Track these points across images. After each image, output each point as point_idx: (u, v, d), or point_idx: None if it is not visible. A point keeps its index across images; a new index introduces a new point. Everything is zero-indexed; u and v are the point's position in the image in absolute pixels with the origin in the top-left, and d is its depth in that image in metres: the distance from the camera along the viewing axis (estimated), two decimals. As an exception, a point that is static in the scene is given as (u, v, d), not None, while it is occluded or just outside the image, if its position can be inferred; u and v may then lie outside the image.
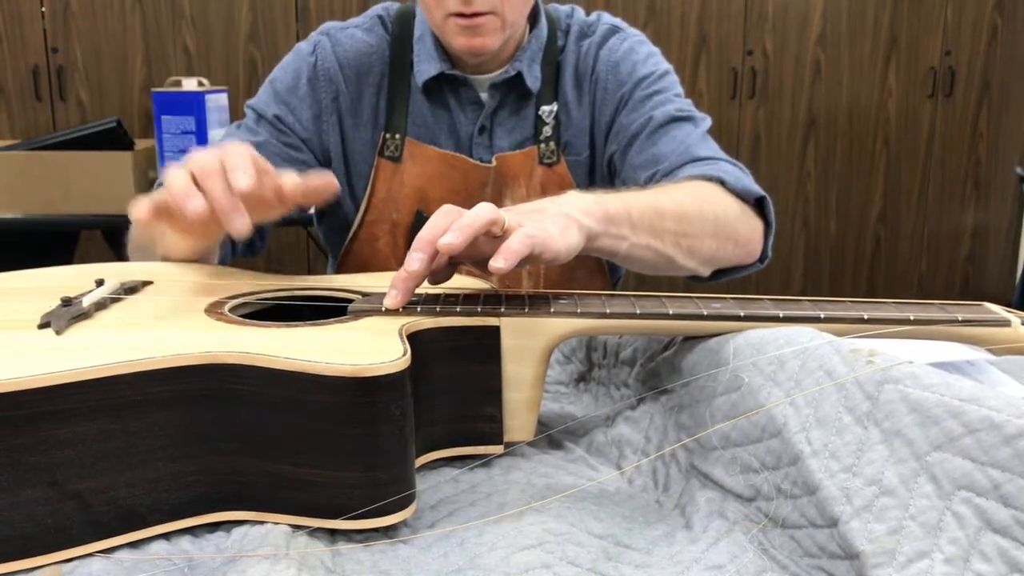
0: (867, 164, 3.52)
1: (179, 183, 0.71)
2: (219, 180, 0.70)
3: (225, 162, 0.71)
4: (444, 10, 1.04)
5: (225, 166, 0.71)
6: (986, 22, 3.48)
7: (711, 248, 0.93)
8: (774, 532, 0.58)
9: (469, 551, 0.58)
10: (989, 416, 0.52)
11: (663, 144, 1.09)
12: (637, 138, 1.11)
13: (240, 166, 0.70)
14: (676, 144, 1.08)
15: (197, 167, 0.71)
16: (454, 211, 0.73)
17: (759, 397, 0.60)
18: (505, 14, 1.06)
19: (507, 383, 0.68)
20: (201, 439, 0.59)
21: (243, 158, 0.72)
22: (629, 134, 1.12)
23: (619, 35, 1.19)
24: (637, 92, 1.14)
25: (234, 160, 0.71)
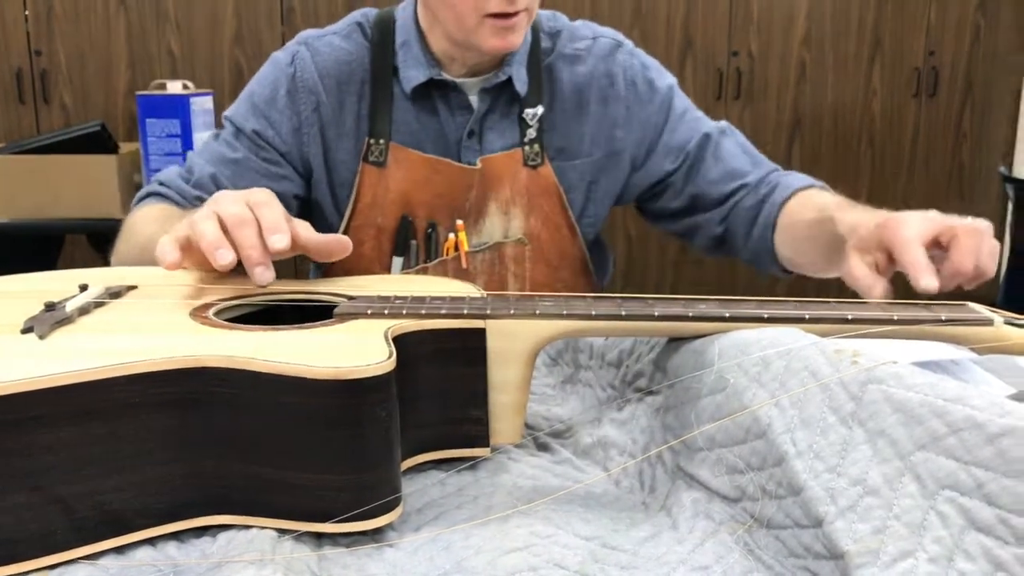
0: (852, 164, 3.54)
1: (212, 233, 0.73)
2: (252, 232, 0.73)
3: (260, 216, 0.74)
4: (482, 11, 1.03)
5: (260, 220, 0.73)
6: (969, 22, 3.50)
7: None
8: (760, 533, 0.58)
9: (455, 554, 0.58)
10: (972, 415, 0.52)
11: (730, 159, 1.19)
12: (703, 156, 1.19)
13: (276, 225, 0.73)
14: (742, 157, 1.19)
15: (229, 215, 0.74)
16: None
17: (744, 398, 0.60)
18: (532, 10, 1.08)
19: (493, 385, 0.68)
20: (186, 443, 0.59)
21: (277, 215, 0.74)
22: (688, 152, 1.19)
23: (624, 49, 1.21)
24: (672, 112, 1.20)
25: (269, 219, 0.74)
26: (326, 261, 0.81)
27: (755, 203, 1.15)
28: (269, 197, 0.76)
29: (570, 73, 1.18)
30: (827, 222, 0.96)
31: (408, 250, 1.17)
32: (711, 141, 1.19)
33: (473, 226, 1.16)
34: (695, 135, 1.19)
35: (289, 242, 0.73)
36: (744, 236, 1.16)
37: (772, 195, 1.13)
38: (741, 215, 1.16)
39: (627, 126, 1.19)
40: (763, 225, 1.13)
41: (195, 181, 1.13)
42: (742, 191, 1.17)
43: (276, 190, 1.14)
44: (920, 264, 0.74)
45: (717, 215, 1.19)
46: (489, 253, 1.17)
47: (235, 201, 0.75)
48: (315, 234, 0.78)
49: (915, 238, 0.75)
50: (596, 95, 1.18)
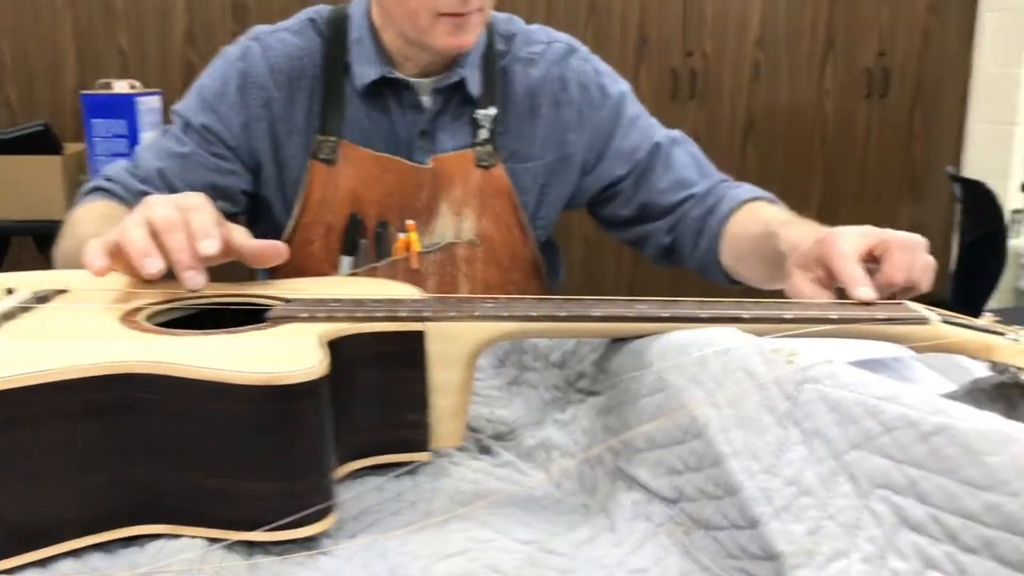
0: (805, 164, 3.57)
1: (139, 242, 0.71)
2: (182, 237, 0.72)
3: (190, 221, 0.72)
4: (435, 10, 1.02)
5: (190, 226, 0.72)
6: (919, 24, 3.56)
7: None
8: (697, 534, 0.58)
9: (391, 561, 0.57)
10: (906, 414, 0.52)
11: (680, 169, 1.19)
12: (653, 165, 1.19)
13: (206, 231, 0.72)
14: (691, 167, 1.19)
15: (159, 220, 0.72)
16: None
17: (682, 398, 0.60)
18: (486, 10, 1.07)
19: (433, 389, 0.67)
20: (113, 451, 0.57)
21: (208, 220, 0.73)
22: (638, 160, 1.19)
23: (578, 54, 1.20)
24: (623, 118, 1.20)
25: (200, 223, 0.72)
26: (262, 267, 0.80)
27: (702, 214, 1.15)
28: (201, 202, 0.75)
29: (524, 76, 1.17)
30: (771, 237, 0.97)
31: (358, 250, 1.15)
32: (661, 150, 1.19)
33: (424, 226, 1.15)
34: (646, 143, 1.19)
35: (219, 247, 0.72)
36: (691, 247, 1.17)
37: (718, 207, 1.14)
38: (688, 226, 1.17)
39: (578, 130, 1.19)
40: (709, 237, 1.14)
41: (142, 176, 1.11)
42: (689, 202, 1.17)
43: (224, 185, 1.14)
44: (856, 278, 0.76)
45: (665, 225, 1.19)
46: (440, 254, 1.16)
47: (165, 205, 0.74)
48: (250, 240, 0.77)
49: (851, 253, 0.78)
50: (549, 99, 1.18)
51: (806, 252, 0.84)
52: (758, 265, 1.06)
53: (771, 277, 1.02)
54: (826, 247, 0.80)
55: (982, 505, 0.49)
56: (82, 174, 2.35)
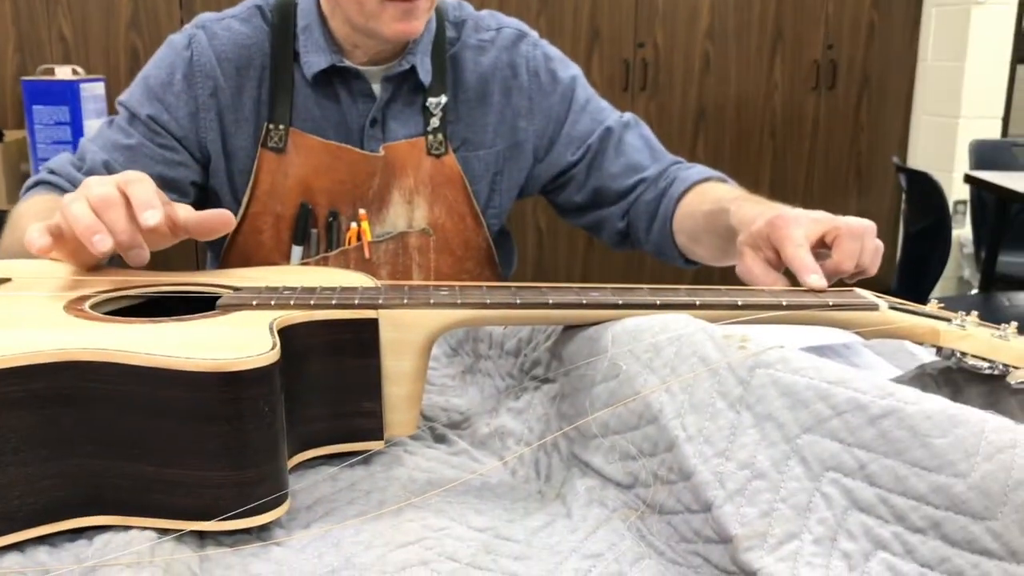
0: (754, 155, 3.62)
1: (85, 218, 0.70)
2: (121, 213, 0.71)
3: (130, 195, 0.71)
4: None
5: (131, 199, 0.71)
6: (864, 18, 3.61)
7: None
8: (652, 518, 0.58)
9: (345, 551, 0.57)
10: (856, 398, 0.53)
11: (632, 153, 1.19)
12: (605, 149, 1.19)
13: (148, 201, 0.71)
14: (643, 151, 1.20)
15: (97, 198, 0.71)
16: None
17: (636, 384, 0.60)
18: None
19: (387, 377, 0.67)
20: (57, 441, 0.56)
21: (148, 191, 0.72)
22: (590, 145, 1.20)
23: (528, 40, 1.20)
24: (574, 103, 1.20)
25: (140, 194, 0.71)
26: (210, 238, 0.79)
27: (654, 197, 1.16)
28: (140, 175, 0.74)
29: (474, 63, 1.17)
30: (722, 214, 0.98)
31: (308, 239, 1.14)
32: (613, 134, 1.19)
33: (376, 215, 1.14)
34: (598, 127, 1.20)
35: (162, 217, 0.70)
36: (645, 230, 1.18)
37: (670, 189, 1.15)
38: (641, 209, 1.17)
39: (529, 117, 1.18)
40: (662, 219, 1.15)
41: (87, 168, 1.08)
42: (642, 185, 1.18)
43: (172, 177, 1.12)
44: (806, 266, 0.77)
45: (619, 210, 1.20)
46: (393, 243, 1.15)
47: (102, 183, 0.72)
48: (195, 212, 0.76)
49: (802, 240, 0.79)
50: (499, 86, 1.17)
51: (756, 232, 0.85)
52: (711, 242, 1.07)
53: (724, 252, 1.03)
54: (778, 231, 0.81)
55: (929, 486, 0.50)
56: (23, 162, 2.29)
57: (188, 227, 0.75)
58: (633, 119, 1.23)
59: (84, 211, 0.70)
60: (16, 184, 2.30)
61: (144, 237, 0.72)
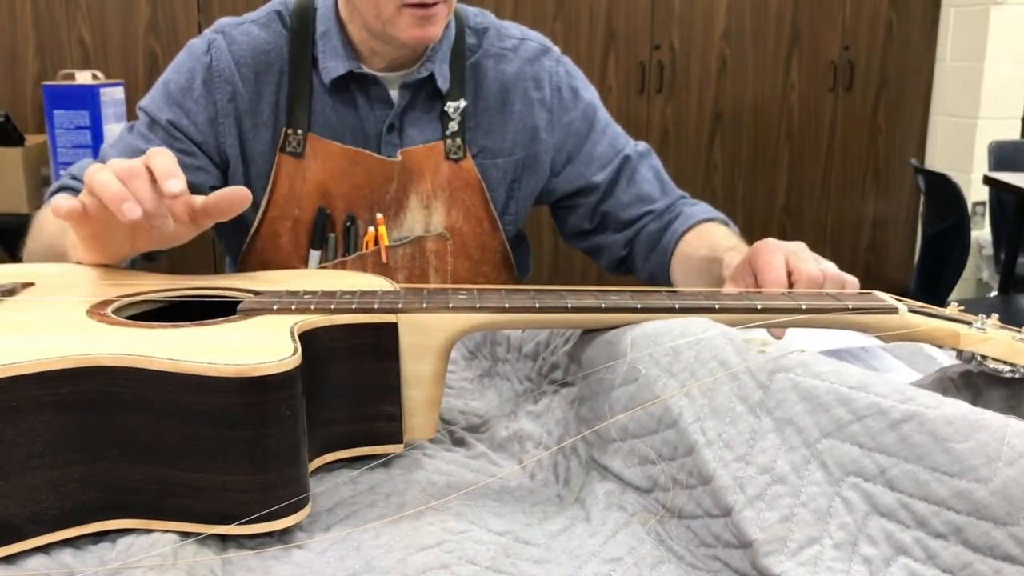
0: (771, 157, 3.60)
1: (113, 185, 0.71)
2: (146, 183, 0.72)
3: (152, 165, 0.72)
4: (400, 1, 1.02)
5: (152, 169, 0.72)
6: (882, 18, 3.59)
7: None
8: (671, 523, 0.58)
9: (366, 554, 0.57)
10: (876, 402, 0.53)
11: (642, 184, 1.21)
12: (619, 178, 1.21)
13: (170, 171, 0.72)
14: (653, 183, 1.22)
15: (121, 169, 0.72)
16: None
17: (655, 388, 0.60)
18: (451, 2, 1.07)
19: (406, 380, 0.67)
20: (82, 445, 0.56)
21: (170, 162, 0.73)
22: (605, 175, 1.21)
23: (551, 55, 1.21)
24: (596, 124, 1.22)
25: (162, 166, 0.72)
26: (229, 216, 0.79)
27: (658, 229, 1.19)
28: (161, 149, 0.75)
29: (496, 72, 1.17)
30: (715, 263, 1.02)
31: (326, 243, 1.14)
32: (629, 164, 1.22)
33: (393, 220, 1.15)
34: (618, 153, 1.22)
35: (184, 185, 0.71)
36: (643, 259, 1.21)
37: (674, 224, 1.18)
38: (644, 239, 1.20)
39: (549, 130, 1.19)
40: (662, 251, 1.18)
41: None
42: (648, 216, 1.21)
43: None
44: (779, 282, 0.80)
45: (623, 238, 1.23)
46: (410, 247, 1.16)
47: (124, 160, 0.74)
48: (209, 196, 0.77)
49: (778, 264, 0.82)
50: (521, 96, 1.18)
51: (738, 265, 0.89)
52: (703, 285, 1.09)
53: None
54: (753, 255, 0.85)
55: (950, 491, 0.50)
56: (44, 167, 2.31)
57: (208, 208, 0.77)
58: (646, 149, 1.25)
59: (111, 179, 0.71)
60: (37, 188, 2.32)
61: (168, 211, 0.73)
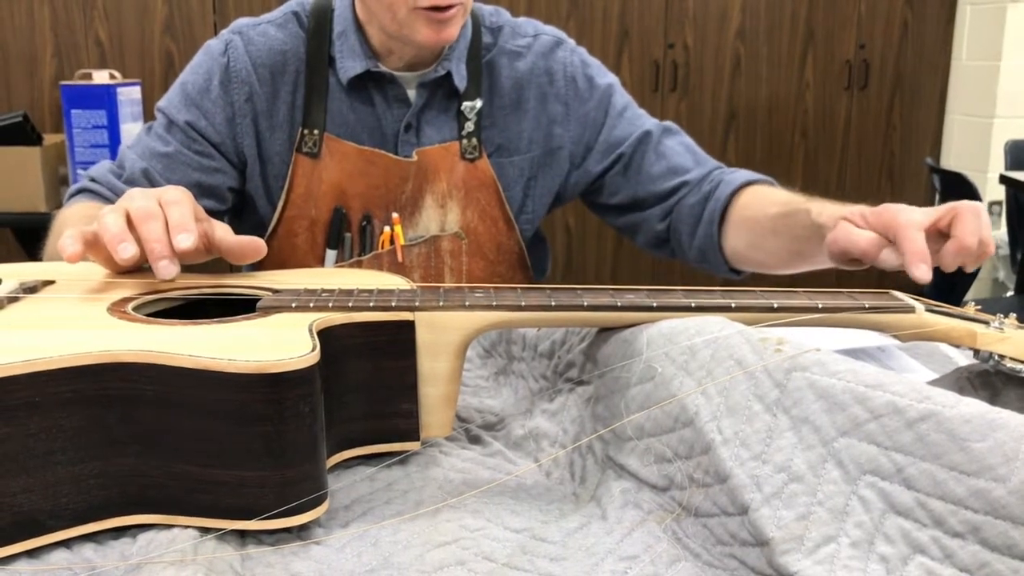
0: (786, 156, 3.59)
1: (115, 226, 0.72)
2: (157, 226, 0.72)
3: (168, 214, 0.73)
4: (413, 3, 1.02)
5: (168, 218, 0.73)
6: (897, 16, 3.58)
7: None
8: (687, 521, 0.58)
9: (383, 550, 0.58)
10: (893, 401, 0.53)
11: (672, 156, 1.18)
12: (644, 152, 1.18)
13: (184, 224, 0.72)
14: (684, 155, 1.18)
15: (136, 210, 0.73)
16: None
17: (672, 387, 0.60)
18: (467, 3, 1.06)
19: (423, 378, 0.68)
20: (103, 441, 0.57)
21: (186, 214, 0.74)
22: (622, 153, 1.19)
23: (565, 46, 1.20)
24: (612, 110, 1.20)
25: (178, 217, 0.73)
26: (242, 263, 0.81)
27: (698, 200, 1.14)
28: (182, 196, 0.76)
29: (510, 69, 1.17)
30: (799, 214, 0.95)
31: (342, 243, 1.15)
32: (652, 138, 1.18)
33: (409, 219, 1.15)
34: (635, 131, 1.19)
35: (195, 241, 0.72)
36: (689, 235, 1.15)
37: (716, 191, 1.13)
38: (684, 213, 1.16)
39: (565, 123, 1.19)
40: (708, 222, 1.12)
41: (126, 177, 1.10)
42: (684, 188, 1.16)
43: (210, 184, 1.13)
44: (918, 251, 0.73)
45: (659, 212, 1.19)
46: (425, 247, 1.16)
47: (145, 197, 0.75)
48: (231, 236, 0.78)
49: (917, 224, 0.75)
50: (535, 92, 1.18)
51: (859, 213, 0.82)
52: (780, 245, 1.03)
53: (797, 255, 1.00)
54: (888, 215, 0.78)
55: (967, 490, 0.50)
56: (62, 166, 2.32)
57: (222, 249, 0.78)
58: (673, 126, 1.22)
59: (116, 221, 0.72)
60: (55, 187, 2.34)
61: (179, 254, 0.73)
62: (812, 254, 0.92)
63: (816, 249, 0.88)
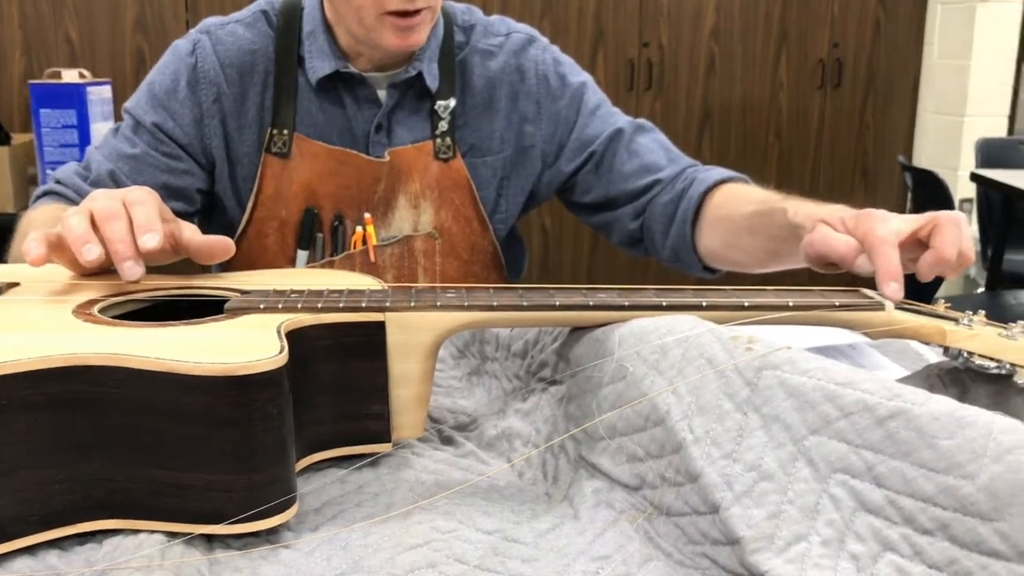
0: (760, 155, 3.61)
1: (79, 228, 0.71)
2: (121, 227, 0.72)
3: (132, 214, 0.72)
4: (380, 9, 1.01)
5: (132, 218, 0.72)
6: (870, 16, 3.61)
7: None
8: (659, 520, 0.58)
9: (354, 553, 0.57)
10: (863, 399, 0.53)
11: (645, 154, 1.17)
12: (616, 150, 1.17)
13: (149, 224, 0.72)
14: (658, 153, 1.17)
15: (100, 210, 0.72)
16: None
17: (643, 386, 0.60)
18: (435, 8, 1.06)
19: (394, 379, 0.67)
20: (69, 445, 0.56)
21: (151, 214, 0.73)
22: (593, 151, 1.18)
23: (537, 44, 1.20)
24: (584, 108, 1.19)
25: (143, 216, 0.72)
26: (210, 263, 0.80)
27: (672, 199, 1.13)
28: (147, 196, 0.75)
29: (482, 68, 1.16)
30: (775, 213, 0.93)
31: (313, 243, 1.14)
32: (624, 135, 1.18)
33: (381, 219, 1.14)
34: (607, 129, 1.18)
35: (160, 241, 0.71)
36: (662, 234, 1.14)
37: (689, 190, 1.11)
38: (657, 212, 1.14)
39: (537, 121, 1.18)
40: (681, 221, 1.11)
41: (92, 179, 1.09)
42: (657, 187, 1.15)
43: (178, 185, 1.12)
44: (890, 269, 0.72)
45: (631, 211, 1.18)
46: (398, 247, 1.16)
47: (109, 197, 0.74)
48: (199, 236, 0.77)
49: (892, 240, 0.73)
50: (507, 91, 1.17)
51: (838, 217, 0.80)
52: (756, 244, 1.01)
53: (772, 255, 0.99)
54: (867, 224, 0.76)
55: (937, 487, 0.50)
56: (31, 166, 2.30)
57: (189, 249, 0.77)
58: (646, 123, 1.21)
59: (80, 223, 0.72)
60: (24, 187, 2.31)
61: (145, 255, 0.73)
62: (788, 254, 0.91)
63: (792, 249, 0.88)
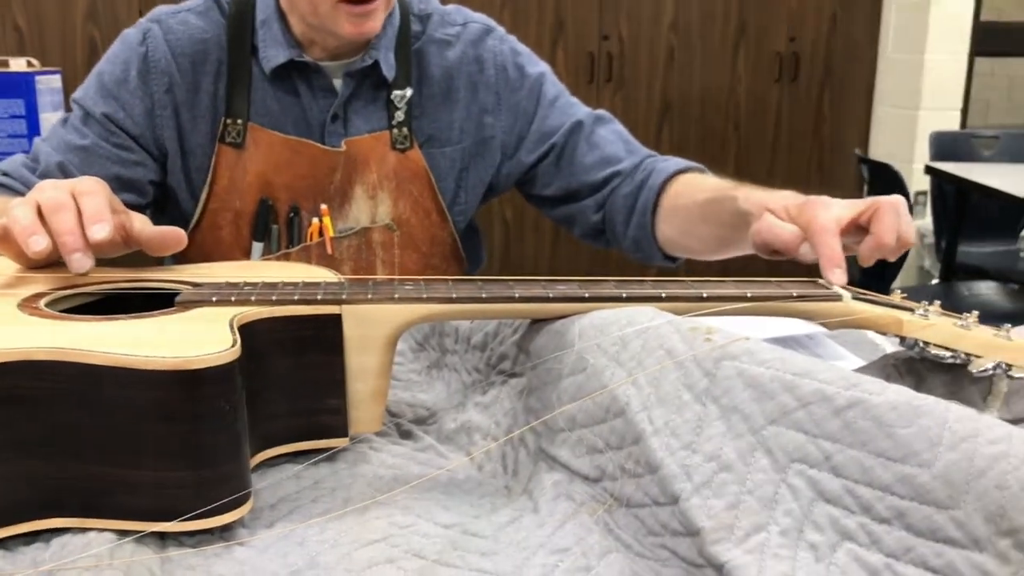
0: (719, 148, 3.64)
1: (25, 219, 0.70)
2: (69, 217, 0.70)
3: (81, 205, 0.71)
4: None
5: (82, 210, 0.71)
6: (826, 11, 3.64)
7: None
8: (619, 512, 0.58)
9: (310, 550, 0.56)
10: (821, 389, 0.53)
11: (605, 146, 1.17)
12: (576, 142, 1.17)
13: (98, 215, 0.70)
14: (617, 144, 1.17)
15: (47, 201, 0.71)
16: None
17: (603, 378, 0.60)
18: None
19: (351, 373, 0.66)
20: (14, 442, 0.54)
21: (100, 204, 0.71)
22: (554, 143, 1.17)
23: (494, 35, 1.19)
24: (543, 99, 1.18)
25: (91, 207, 0.71)
26: (162, 254, 0.78)
27: (632, 190, 1.14)
28: (96, 186, 0.73)
29: (439, 58, 1.15)
30: (726, 201, 0.95)
31: (269, 235, 1.12)
32: (584, 127, 1.17)
33: (338, 210, 1.13)
34: (567, 121, 1.18)
35: (110, 232, 0.70)
36: (623, 224, 1.15)
37: (649, 180, 1.12)
38: (618, 203, 1.15)
39: (496, 113, 1.17)
40: (641, 211, 1.12)
41: (41, 171, 1.06)
42: (617, 178, 1.16)
43: (129, 177, 1.10)
44: (832, 257, 0.74)
45: (593, 203, 1.18)
46: (356, 239, 1.14)
47: (57, 188, 0.72)
48: (150, 227, 0.76)
49: (832, 228, 0.75)
50: (465, 81, 1.16)
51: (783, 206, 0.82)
52: (709, 232, 1.03)
53: (725, 242, 1.00)
54: (808, 213, 0.78)
55: (894, 476, 0.50)
56: (-22, 157, 2.24)
57: (141, 240, 0.75)
58: (606, 114, 1.21)
59: (26, 214, 0.70)
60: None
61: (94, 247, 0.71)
62: (739, 240, 0.92)
63: (743, 236, 0.89)
